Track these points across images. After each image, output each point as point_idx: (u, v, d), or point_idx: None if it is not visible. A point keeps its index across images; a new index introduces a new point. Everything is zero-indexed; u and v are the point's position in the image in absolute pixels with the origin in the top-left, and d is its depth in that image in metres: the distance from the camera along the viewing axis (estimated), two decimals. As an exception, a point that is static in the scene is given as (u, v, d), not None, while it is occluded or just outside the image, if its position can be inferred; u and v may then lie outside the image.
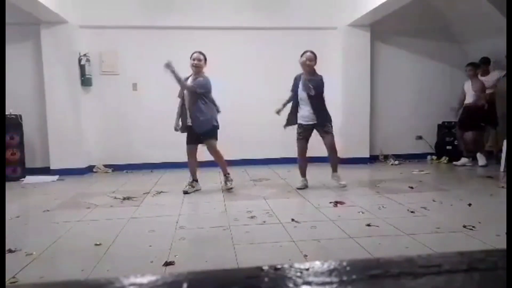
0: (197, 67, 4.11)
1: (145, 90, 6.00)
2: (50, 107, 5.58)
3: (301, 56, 4.19)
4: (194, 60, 4.12)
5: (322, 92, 4.18)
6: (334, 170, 4.38)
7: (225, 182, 4.35)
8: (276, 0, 6.16)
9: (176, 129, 4.28)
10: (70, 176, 5.43)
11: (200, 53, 4.17)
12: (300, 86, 4.16)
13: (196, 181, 4.36)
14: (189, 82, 4.13)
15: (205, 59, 4.17)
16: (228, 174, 4.36)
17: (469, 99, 5.82)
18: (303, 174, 4.44)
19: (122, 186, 4.76)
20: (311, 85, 4.03)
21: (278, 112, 4.42)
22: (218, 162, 4.33)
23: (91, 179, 5.42)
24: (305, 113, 4.20)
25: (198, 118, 4.06)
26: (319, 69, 4.28)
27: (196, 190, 4.29)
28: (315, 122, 4.17)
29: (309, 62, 4.14)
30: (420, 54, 6.63)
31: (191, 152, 4.25)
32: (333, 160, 4.35)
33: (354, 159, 6.13)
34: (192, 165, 4.31)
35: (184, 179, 5.08)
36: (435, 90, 6.70)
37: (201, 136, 4.16)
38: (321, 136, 4.26)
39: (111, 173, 5.85)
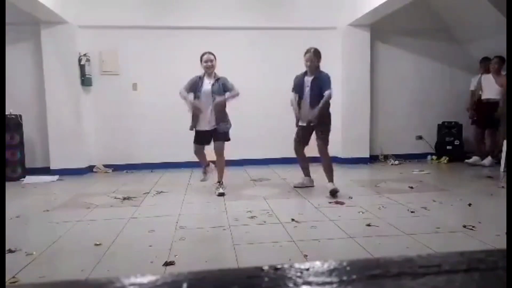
0: (211, 68, 4.10)
1: (145, 90, 6.00)
2: (50, 107, 5.58)
3: (304, 55, 4.12)
4: (206, 62, 4.08)
5: (326, 89, 3.99)
6: (329, 179, 4.10)
7: (218, 187, 4.19)
8: (276, 0, 6.17)
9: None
10: (70, 176, 5.43)
11: (210, 53, 4.13)
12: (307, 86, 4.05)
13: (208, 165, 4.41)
14: (205, 82, 4.10)
15: (215, 58, 4.14)
16: (222, 182, 4.26)
17: (489, 94, 5.76)
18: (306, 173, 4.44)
19: (122, 186, 4.76)
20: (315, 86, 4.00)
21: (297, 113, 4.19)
22: (220, 165, 4.25)
23: (91, 179, 5.42)
24: (305, 112, 4.10)
25: (226, 119, 4.14)
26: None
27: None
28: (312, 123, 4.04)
29: (309, 63, 4.06)
30: (420, 54, 6.63)
31: (199, 151, 4.23)
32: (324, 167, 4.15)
33: (354, 159, 6.14)
34: (200, 157, 4.29)
35: (184, 179, 5.10)
36: (435, 90, 6.69)
37: (217, 137, 4.14)
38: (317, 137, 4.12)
39: (111, 173, 5.85)
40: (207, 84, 4.09)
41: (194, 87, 4.12)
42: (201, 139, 4.19)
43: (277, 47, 6.19)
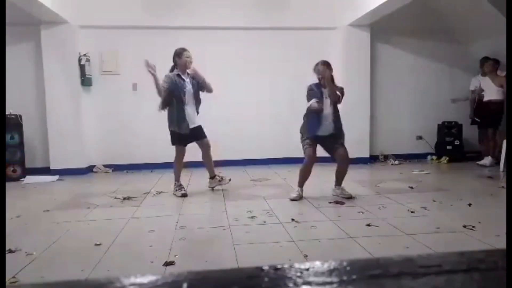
0: (191, 64, 4.02)
1: (145, 90, 5.97)
2: (50, 107, 5.57)
3: (314, 69, 3.92)
4: (188, 58, 3.98)
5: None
6: (340, 183, 3.97)
7: (218, 181, 4.26)
8: (276, 0, 6.16)
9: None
10: (70, 176, 5.43)
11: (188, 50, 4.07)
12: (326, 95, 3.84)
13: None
14: (186, 82, 4.02)
15: None
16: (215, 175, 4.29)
17: (491, 95, 5.79)
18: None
19: (122, 186, 4.76)
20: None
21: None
22: (209, 161, 4.24)
23: (91, 179, 5.42)
24: (327, 123, 3.90)
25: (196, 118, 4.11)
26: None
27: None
28: (333, 132, 3.89)
29: (321, 76, 3.84)
30: (420, 54, 6.63)
31: (183, 155, 4.15)
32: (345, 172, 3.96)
33: (354, 159, 6.10)
34: (181, 167, 4.20)
35: (184, 179, 5.08)
36: (435, 90, 6.69)
37: (201, 134, 4.12)
38: (333, 147, 3.92)
39: (111, 173, 5.85)
40: (188, 84, 4.04)
41: (177, 87, 3.96)
42: (185, 137, 4.04)
43: (277, 47, 6.19)
